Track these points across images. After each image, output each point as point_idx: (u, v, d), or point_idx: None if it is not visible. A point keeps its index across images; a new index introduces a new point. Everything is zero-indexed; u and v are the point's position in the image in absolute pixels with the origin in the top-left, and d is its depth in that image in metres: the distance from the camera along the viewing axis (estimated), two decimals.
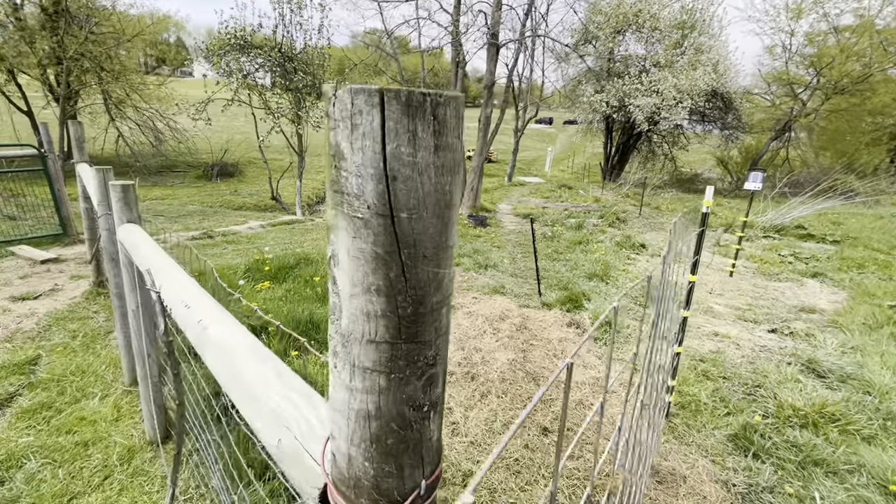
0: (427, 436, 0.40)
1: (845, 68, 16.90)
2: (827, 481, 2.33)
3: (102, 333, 3.65)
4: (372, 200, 0.32)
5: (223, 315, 0.98)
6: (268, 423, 0.60)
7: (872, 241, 8.55)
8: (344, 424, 0.39)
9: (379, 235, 0.32)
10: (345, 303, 0.36)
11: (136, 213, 2.07)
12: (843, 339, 4.05)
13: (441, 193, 0.33)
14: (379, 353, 0.36)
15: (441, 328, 0.38)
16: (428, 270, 0.34)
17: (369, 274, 0.33)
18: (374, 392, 0.37)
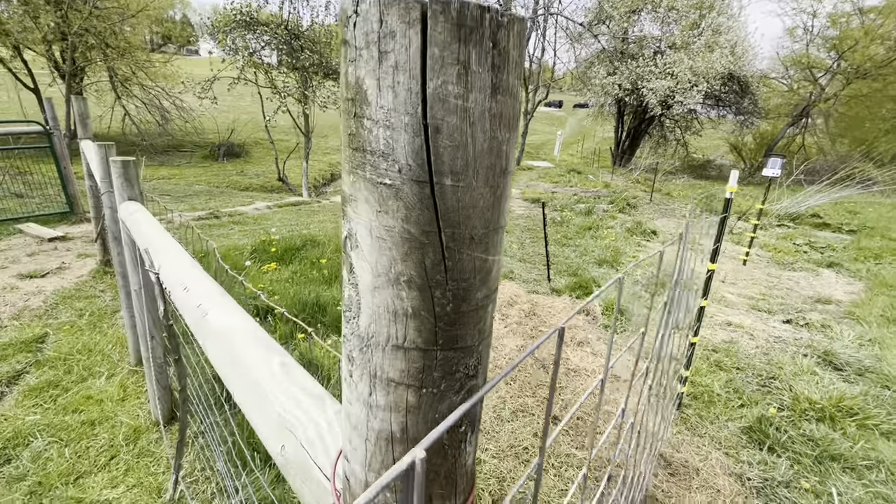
0: (462, 461, 0.32)
1: (869, 51, 16.31)
2: (844, 477, 2.26)
3: (109, 312, 3.63)
4: (405, 161, 0.23)
5: (224, 300, 0.91)
6: (271, 427, 0.54)
7: (890, 230, 8.33)
8: (360, 446, 0.32)
9: (413, 209, 0.24)
10: (365, 297, 0.28)
11: (137, 191, 1.99)
12: (860, 331, 3.94)
13: (496, 154, 0.24)
14: (408, 363, 0.28)
15: (485, 330, 0.30)
16: (475, 257, 0.26)
17: (398, 261, 0.25)
18: (399, 410, 0.29)
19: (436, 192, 0.24)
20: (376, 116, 0.23)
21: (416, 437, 0.30)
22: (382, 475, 0.31)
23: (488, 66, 0.22)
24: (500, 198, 0.26)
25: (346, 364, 0.31)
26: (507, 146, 0.25)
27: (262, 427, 0.56)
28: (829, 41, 18.19)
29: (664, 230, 7.74)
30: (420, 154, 0.23)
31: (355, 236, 0.27)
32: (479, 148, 0.24)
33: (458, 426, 0.31)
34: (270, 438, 0.54)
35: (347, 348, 0.31)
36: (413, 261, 0.25)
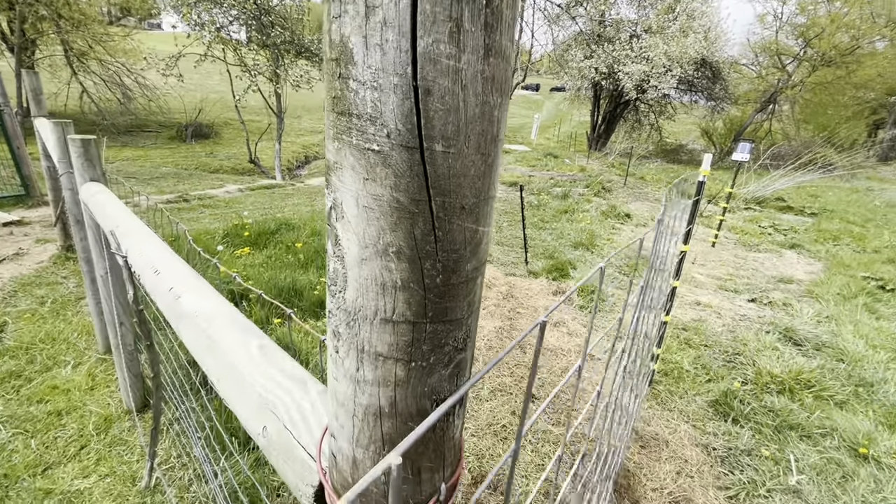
0: (450, 434, 0.32)
1: (834, 39, 16.84)
2: (801, 444, 2.41)
3: (73, 299, 3.48)
4: (394, 125, 0.22)
5: (198, 282, 0.88)
6: (251, 409, 0.52)
7: (848, 213, 8.76)
8: (348, 422, 0.31)
9: (402, 177, 0.23)
10: (352, 270, 0.27)
11: (99, 171, 1.89)
12: (818, 309, 4.16)
13: (488, 120, 0.23)
14: (396, 336, 0.27)
15: (474, 303, 0.29)
16: (465, 227, 0.25)
17: (386, 231, 0.25)
18: (388, 385, 0.29)
19: (426, 159, 0.23)
20: (363, 77, 0.22)
21: (405, 411, 0.29)
22: (370, 449, 0.31)
23: (481, 25, 0.21)
24: (491, 166, 0.25)
25: (332, 340, 0.30)
26: (498, 112, 0.24)
27: (242, 410, 0.55)
28: (798, 28, 18.68)
29: (638, 213, 7.92)
30: (410, 118, 0.22)
31: (341, 206, 0.26)
32: (470, 112, 0.23)
33: (447, 400, 0.31)
34: (251, 420, 0.52)
35: (333, 323, 0.30)
36: (402, 231, 0.25)
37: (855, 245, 6.58)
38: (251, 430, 0.52)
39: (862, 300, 4.39)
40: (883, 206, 10.03)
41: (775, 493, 2.10)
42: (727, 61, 17.81)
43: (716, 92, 17.81)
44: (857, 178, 14.29)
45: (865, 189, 12.28)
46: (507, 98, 0.25)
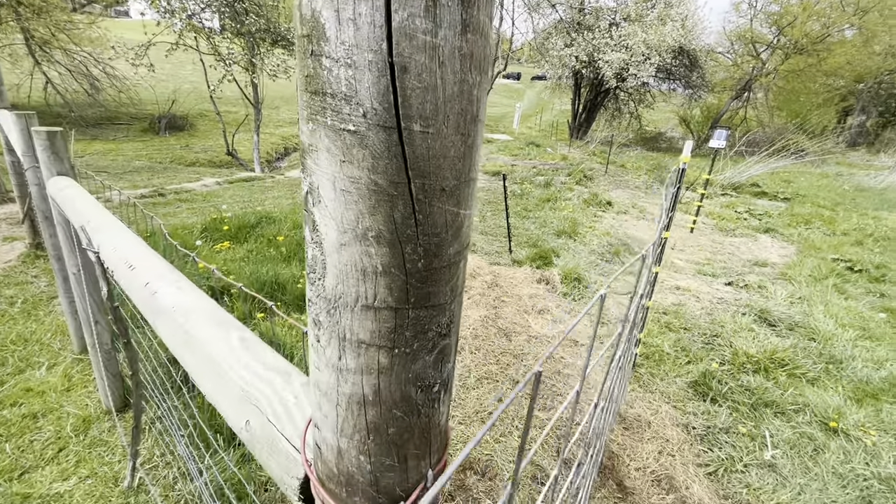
0: (436, 420, 0.32)
1: (806, 27, 17.21)
2: (776, 420, 2.51)
3: (45, 299, 3.37)
4: (370, 104, 0.21)
5: (175, 276, 0.86)
6: (233, 403, 0.51)
7: (819, 198, 9.05)
8: (331, 412, 0.31)
9: (380, 158, 0.22)
10: (331, 256, 0.26)
11: (67, 165, 1.82)
12: (791, 291, 4.30)
13: (467, 99, 0.23)
14: (379, 323, 0.27)
15: (457, 288, 0.29)
16: (446, 210, 0.25)
17: (365, 215, 0.24)
18: (371, 372, 0.28)
19: (404, 139, 0.22)
20: (336, 54, 0.21)
21: (390, 399, 0.29)
22: (355, 438, 0.31)
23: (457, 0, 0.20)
24: (471, 147, 0.25)
25: (313, 329, 0.30)
26: (478, 90, 0.24)
27: (224, 404, 0.54)
28: (771, 16, 19.01)
29: (619, 201, 8.02)
30: (386, 96, 0.21)
31: (317, 191, 0.25)
32: (449, 91, 0.22)
33: (433, 386, 0.30)
34: (233, 415, 0.52)
35: (314, 312, 0.29)
36: (382, 214, 0.24)
37: (825, 228, 6.81)
38: (234, 424, 0.51)
39: (832, 281, 4.56)
40: (851, 191, 10.38)
41: (751, 467, 2.18)
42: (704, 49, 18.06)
43: (693, 80, 18.06)
44: (828, 164, 14.75)
45: (835, 174, 12.69)
46: (487, 77, 0.24)
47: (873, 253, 5.58)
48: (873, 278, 4.80)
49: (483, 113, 0.25)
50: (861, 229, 6.72)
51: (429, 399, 0.31)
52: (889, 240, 6.23)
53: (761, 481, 2.10)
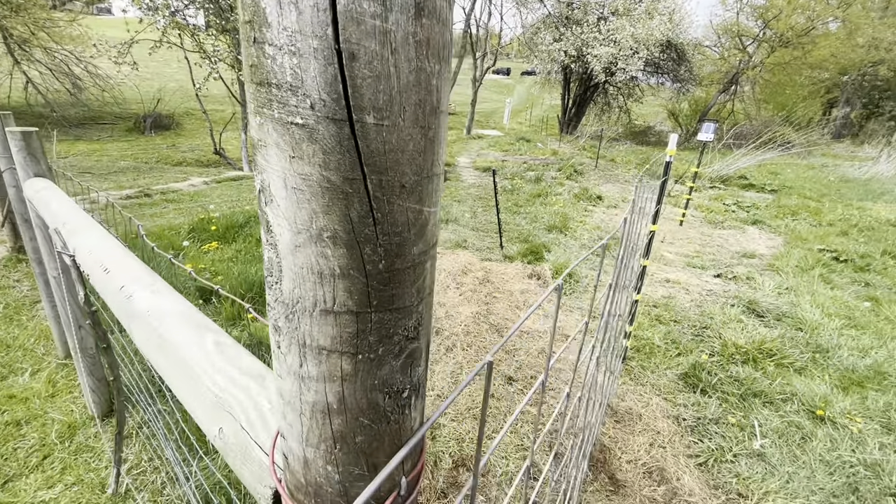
0: (408, 425, 0.31)
1: (791, 20, 17.37)
2: (764, 410, 2.53)
3: (28, 304, 3.30)
4: (317, 95, 0.20)
5: (151, 279, 0.83)
6: (207, 409, 0.50)
7: (805, 189, 9.16)
8: (296, 421, 0.29)
9: (332, 153, 0.21)
10: (286, 258, 0.25)
11: (44, 166, 1.77)
12: (779, 281, 4.35)
13: (425, 89, 0.21)
14: (339, 328, 0.25)
15: (424, 289, 0.28)
16: (407, 208, 0.23)
17: (319, 214, 0.22)
18: (334, 380, 0.27)
19: (357, 133, 0.21)
20: (279, 41, 0.20)
21: (355, 407, 0.28)
22: (321, 447, 0.29)
23: None
24: (433, 141, 0.23)
25: (274, 335, 0.28)
26: (437, 80, 0.22)
27: (198, 410, 0.52)
28: (757, 10, 19.16)
29: (609, 195, 8.06)
30: (335, 86, 0.20)
31: (269, 189, 0.23)
32: (404, 80, 0.21)
33: (402, 392, 0.29)
34: (207, 421, 0.50)
35: (273, 317, 0.28)
36: (336, 213, 0.22)
37: (812, 219, 6.90)
38: (208, 431, 0.50)
39: (818, 271, 4.62)
40: (836, 182, 10.53)
41: (741, 457, 2.20)
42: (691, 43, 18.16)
43: (681, 74, 18.17)
44: (813, 156, 14.95)
45: (821, 165, 12.87)
46: (448, 66, 0.23)
47: (858, 243, 5.67)
48: (858, 268, 4.87)
49: (445, 104, 0.24)
50: (846, 220, 6.81)
51: (398, 405, 0.29)
52: (873, 230, 6.33)
53: (750, 470, 2.13)
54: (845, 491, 2.03)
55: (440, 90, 0.23)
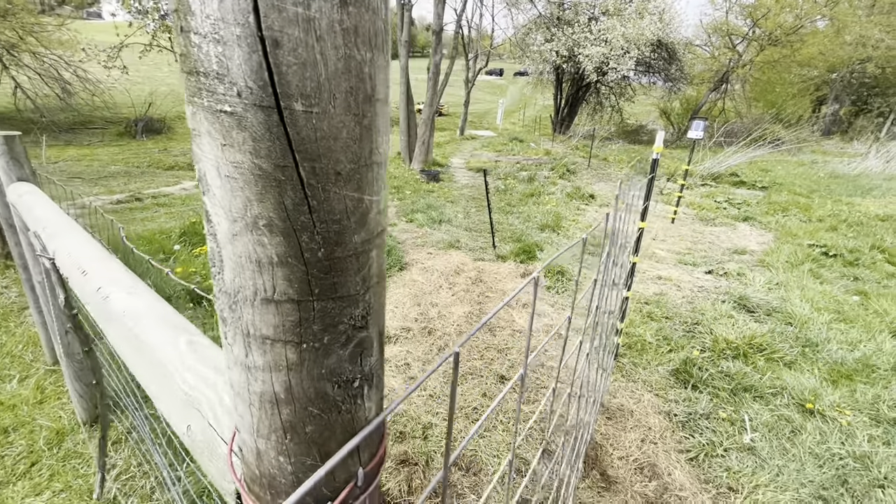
0: (361, 415, 0.31)
1: (779, 19, 17.54)
2: (755, 405, 2.55)
3: (16, 310, 3.27)
4: (244, 82, 0.20)
5: (130, 281, 0.83)
6: (176, 406, 0.50)
7: (795, 186, 9.25)
8: (246, 412, 0.29)
9: (262, 140, 0.21)
10: (225, 248, 0.25)
11: (27, 170, 1.76)
12: (769, 277, 4.39)
13: (357, 76, 0.22)
14: (281, 317, 0.25)
15: (371, 277, 0.28)
16: (345, 196, 0.23)
17: (254, 202, 0.22)
18: (280, 369, 0.27)
19: (286, 120, 0.21)
20: (203, 29, 0.20)
21: (303, 397, 0.28)
22: (272, 438, 0.29)
23: None
24: (369, 129, 0.24)
25: (221, 326, 0.28)
26: (370, 68, 0.22)
27: (169, 409, 0.52)
28: (746, 9, 19.34)
29: (602, 194, 8.10)
30: (260, 73, 0.20)
31: (205, 178, 0.24)
32: (332, 68, 0.21)
33: (352, 381, 0.29)
34: (177, 419, 0.50)
35: (219, 308, 0.28)
36: (271, 201, 0.23)
37: (802, 215, 6.96)
38: (178, 429, 0.50)
39: (808, 266, 4.66)
40: (826, 178, 10.64)
41: (731, 451, 2.21)
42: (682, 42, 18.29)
43: (672, 73, 18.29)
44: (803, 152, 15.09)
45: (811, 162, 12.99)
46: (383, 54, 0.23)
47: (847, 238, 5.73)
48: (847, 262, 4.92)
49: (382, 92, 0.24)
50: (836, 215, 6.88)
51: (349, 395, 0.29)
52: (862, 225, 6.39)
53: (741, 464, 2.14)
54: (835, 483, 2.05)
55: (374, 78, 0.23)
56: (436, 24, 9.57)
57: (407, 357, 2.88)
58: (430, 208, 6.43)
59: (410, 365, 2.80)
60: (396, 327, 3.20)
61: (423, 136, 9.90)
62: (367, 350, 0.30)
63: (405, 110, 10.02)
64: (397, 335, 3.13)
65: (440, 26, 9.61)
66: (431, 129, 10.11)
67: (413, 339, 3.09)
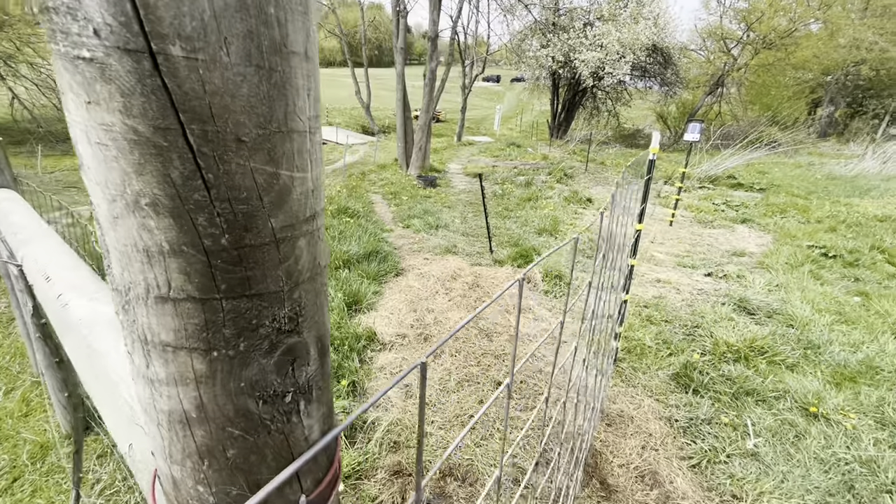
0: (299, 435, 0.26)
1: (773, 22, 17.65)
2: (757, 409, 2.50)
3: (5, 321, 3.22)
4: (101, 17, 0.16)
5: (95, 287, 0.78)
6: (121, 421, 0.45)
7: (793, 187, 9.23)
8: (155, 434, 0.25)
9: (132, 95, 0.17)
10: (108, 234, 0.20)
11: (8, 176, 1.72)
12: (769, 279, 4.34)
13: (258, 18, 0.17)
14: (181, 319, 0.21)
15: (299, 272, 0.23)
16: (254, 169, 0.19)
17: (132, 175, 0.18)
18: (187, 382, 0.22)
19: (162, 68, 0.17)
20: None
21: (219, 415, 0.23)
22: (187, 464, 0.25)
23: None
24: (281, 86, 0.19)
25: (121, 331, 0.24)
26: (277, 9, 0.18)
27: (113, 423, 0.47)
28: (740, 13, 19.47)
29: (599, 198, 8.07)
30: (120, 5, 0.15)
31: (77, 147, 0.19)
32: (220, 2, 0.16)
33: (282, 396, 0.25)
34: (122, 437, 0.45)
35: (115, 309, 0.23)
36: (153, 174, 0.18)
37: (800, 216, 6.93)
38: (121, 448, 0.45)
39: (808, 268, 4.62)
40: (823, 179, 10.63)
41: (734, 457, 2.16)
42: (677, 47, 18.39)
43: (668, 77, 18.37)
44: (800, 154, 15.11)
45: (808, 164, 12.99)
46: None
47: (846, 238, 5.69)
48: (847, 263, 4.88)
49: (300, 44, 0.20)
50: (834, 216, 6.85)
51: (280, 412, 0.25)
52: (861, 225, 6.36)
53: (744, 471, 2.08)
54: (841, 489, 1.99)
55: (285, 23, 0.19)
56: (431, 30, 9.60)
57: (402, 364, 2.82)
58: (427, 214, 6.39)
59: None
60: (392, 334, 3.15)
61: (419, 142, 9.89)
62: (301, 359, 0.25)
63: (402, 116, 10.02)
64: (393, 342, 3.08)
65: (436, 33, 9.64)
66: (428, 135, 10.11)
67: (409, 345, 3.03)
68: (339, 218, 5.68)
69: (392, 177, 9.54)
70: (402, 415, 2.39)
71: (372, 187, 8.58)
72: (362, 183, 8.96)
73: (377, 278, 4.03)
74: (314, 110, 0.22)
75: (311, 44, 0.21)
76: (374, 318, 3.32)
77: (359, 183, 8.92)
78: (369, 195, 7.75)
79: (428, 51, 9.85)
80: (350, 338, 2.94)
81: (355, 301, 3.53)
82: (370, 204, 7.01)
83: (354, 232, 4.97)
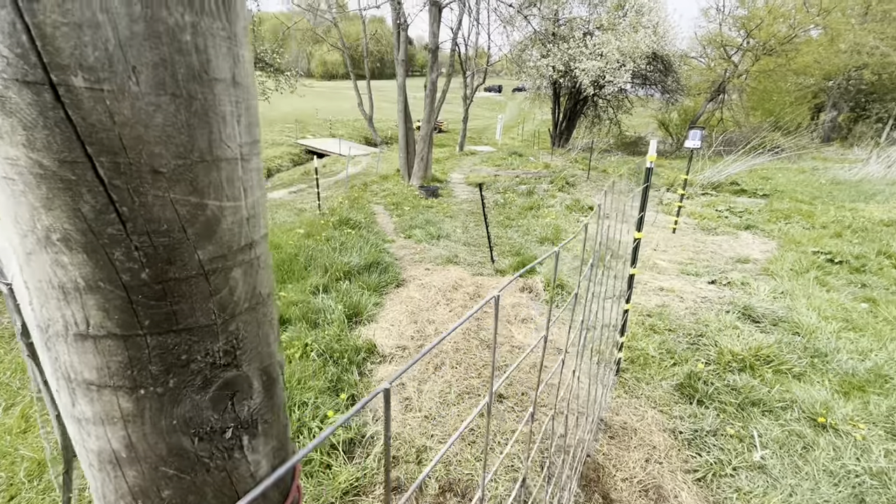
0: (244, 471, 0.25)
1: (773, 29, 17.72)
2: (764, 419, 2.45)
3: (7, 336, 3.23)
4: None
5: None
6: None
7: (797, 193, 9.18)
8: (88, 475, 0.24)
9: (35, 129, 0.16)
10: (24, 269, 0.19)
11: None
12: (774, 286, 4.29)
13: (172, 46, 0.16)
14: (103, 357, 0.20)
15: (234, 303, 0.22)
16: (175, 200, 0.18)
17: (40, 210, 0.17)
18: (114, 422, 0.21)
19: (64, 100, 0.16)
20: None
21: (151, 455, 0.22)
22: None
23: None
24: (203, 114, 0.18)
25: (46, 369, 0.23)
26: (195, 36, 0.17)
27: None
28: (739, 20, 19.58)
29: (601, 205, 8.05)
30: (15, 36, 0.15)
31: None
32: (125, 32, 0.16)
33: (221, 432, 0.24)
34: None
35: (38, 347, 0.22)
36: (62, 209, 0.17)
37: (804, 222, 6.88)
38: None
39: (813, 274, 4.57)
40: (828, 184, 10.56)
41: (741, 470, 2.11)
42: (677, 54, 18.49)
43: (669, 84, 18.44)
44: (804, 159, 15.05)
45: (811, 169, 12.93)
46: (221, 21, 0.18)
47: (852, 244, 5.63)
48: (853, 269, 4.82)
49: (225, 70, 0.19)
50: (839, 221, 6.79)
51: (219, 449, 0.24)
52: (867, 230, 6.30)
53: (751, 484, 2.03)
54: (851, 502, 1.93)
55: (205, 50, 0.18)
56: (432, 42, 9.71)
57: (402, 377, 2.80)
58: (429, 224, 6.40)
59: (406, 385, 2.72)
60: (392, 346, 3.13)
61: (421, 153, 9.94)
62: (242, 392, 0.24)
63: (403, 127, 10.10)
64: (393, 354, 3.06)
65: (436, 44, 9.74)
66: (430, 146, 10.16)
67: (409, 357, 3.01)
68: (341, 229, 5.70)
69: (394, 187, 9.58)
70: (402, 428, 2.36)
71: (374, 198, 8.61)
72: (364, 194, 9.00)
73: (378, 289, 4.02)
74: (248, 136, 0.21)
75: (241, 69, 0.20)
76: (375, 330, 3.30)
77: (361, 194, 8.96)
78: (371, 206, 7.78)
79: (429, 62, 9.95)
80: (350, 350, 2.92)
81: (356, 313, 3.52)
82: (372, 215, 7.03)
83: (356, 243, 4.98)
